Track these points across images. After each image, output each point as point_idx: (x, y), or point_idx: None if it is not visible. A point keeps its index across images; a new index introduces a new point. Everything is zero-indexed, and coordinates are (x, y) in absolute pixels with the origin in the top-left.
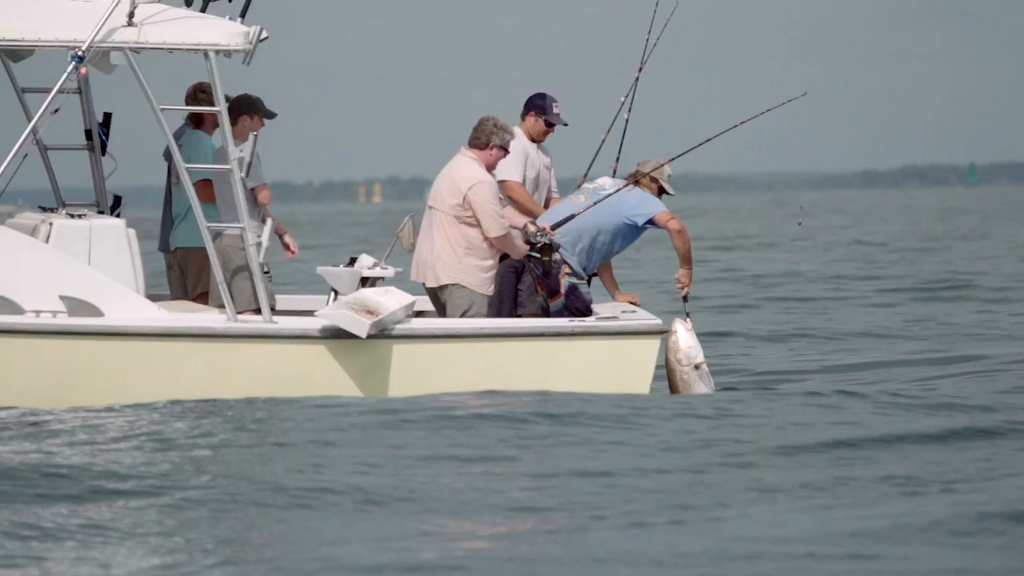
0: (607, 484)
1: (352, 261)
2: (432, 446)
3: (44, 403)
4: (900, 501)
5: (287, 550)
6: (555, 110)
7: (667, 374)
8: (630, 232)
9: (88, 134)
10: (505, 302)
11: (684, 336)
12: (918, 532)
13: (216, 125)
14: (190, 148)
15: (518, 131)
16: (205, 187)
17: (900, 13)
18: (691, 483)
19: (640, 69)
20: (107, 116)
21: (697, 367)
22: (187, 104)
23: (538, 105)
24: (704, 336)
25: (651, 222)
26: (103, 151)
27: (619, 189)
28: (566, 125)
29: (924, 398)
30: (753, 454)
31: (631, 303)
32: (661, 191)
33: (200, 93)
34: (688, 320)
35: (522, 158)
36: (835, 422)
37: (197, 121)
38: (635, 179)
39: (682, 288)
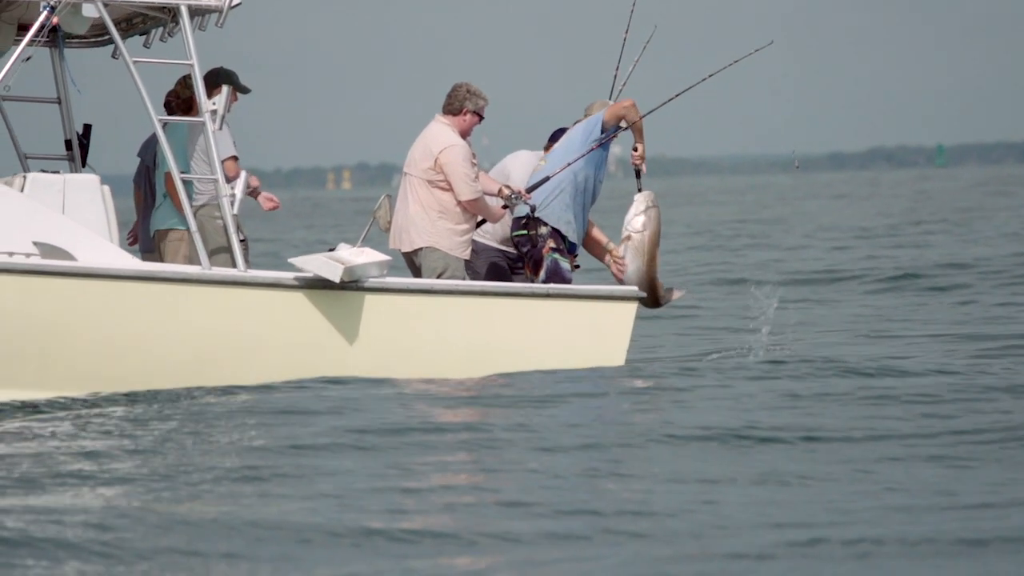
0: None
1: (330, 251)
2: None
3: (12, 345)
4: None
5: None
6: None
7: (651, 249)
8: (598, 154)
9: (68, 144)
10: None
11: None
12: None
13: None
14: (173, 136)
15: (539, 155)
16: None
17: None
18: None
19: (617, 68)
20: (87, 127)
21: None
22: (167, 102)
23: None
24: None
25: (605, 127)
26: (83, 162)
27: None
28: None
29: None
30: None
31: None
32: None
33: (186, 78)
34: None
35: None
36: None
37: (184, 111)
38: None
39: (641, 162)
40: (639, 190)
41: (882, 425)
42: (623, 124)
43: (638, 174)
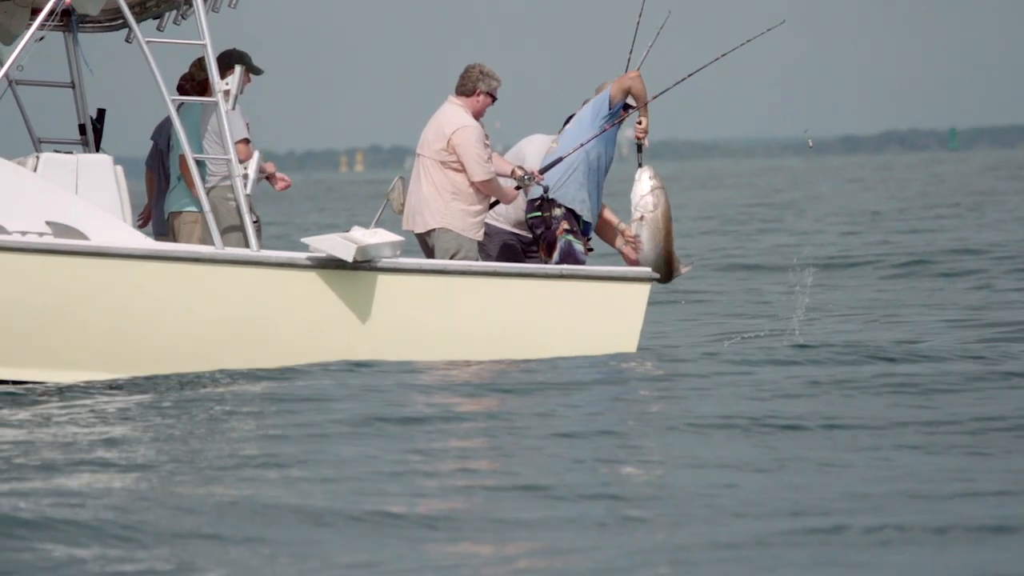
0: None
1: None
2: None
3: (27, 324)
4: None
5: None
6: None
7: (665, 225)
8: (608, 133)
9: (82, 128)
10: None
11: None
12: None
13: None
14: (186, 118)
15: (554, 139)
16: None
17: None
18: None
19: (631, 52)
20: (101, 112)
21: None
22: (180, 86)
23: None
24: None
25: (613, 102)
26: (97, 147)
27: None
28: None
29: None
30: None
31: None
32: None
33: (200, 61)
34: None
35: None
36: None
37: (198, 94)
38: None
39: (644, 136)
40: (639, 165)
41: (902, 412)
42: (632, 102)
43: (639, 148)
